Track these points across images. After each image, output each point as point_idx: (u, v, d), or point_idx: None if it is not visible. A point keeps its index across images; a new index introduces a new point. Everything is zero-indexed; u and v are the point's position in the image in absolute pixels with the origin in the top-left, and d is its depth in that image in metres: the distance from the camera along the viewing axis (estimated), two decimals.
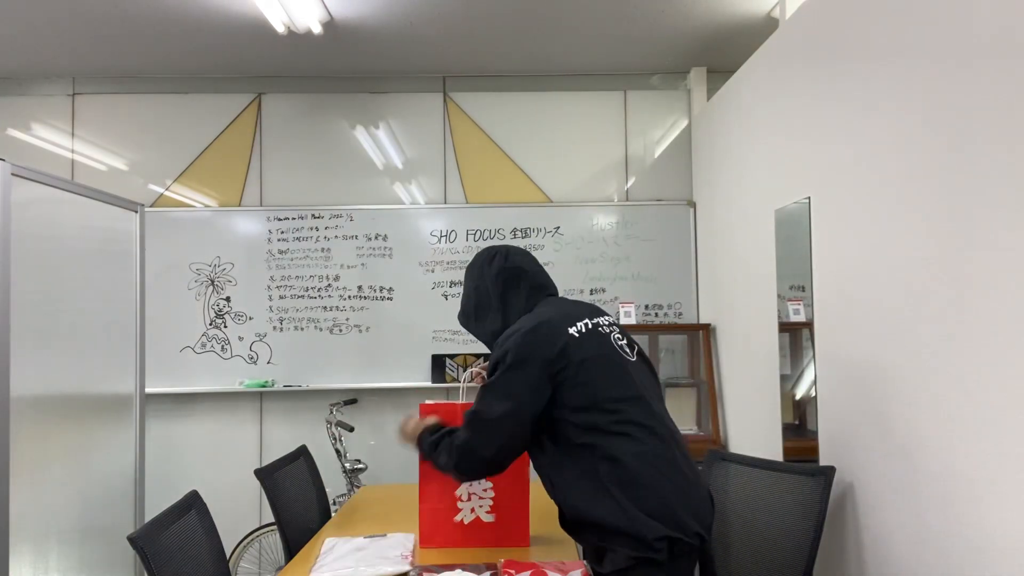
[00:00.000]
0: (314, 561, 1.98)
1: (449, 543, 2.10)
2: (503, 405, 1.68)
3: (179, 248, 3.97)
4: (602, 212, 4.05)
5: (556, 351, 1.69)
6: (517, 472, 2.02)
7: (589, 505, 1.63)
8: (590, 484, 1.64)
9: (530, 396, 1.67)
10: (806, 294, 2.46)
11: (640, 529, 1.57)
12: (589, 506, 1.63)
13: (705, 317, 3.93)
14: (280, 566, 2.57)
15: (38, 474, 2.36)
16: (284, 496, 2.52)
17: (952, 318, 1.68)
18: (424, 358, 3.97)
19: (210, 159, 4.10)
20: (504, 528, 2.09)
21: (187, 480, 3.82)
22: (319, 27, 3.33)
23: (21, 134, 4.08)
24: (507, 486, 2.08)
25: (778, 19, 3.24)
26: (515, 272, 1.92)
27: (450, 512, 2.10)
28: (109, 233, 2.82)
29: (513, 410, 1.68)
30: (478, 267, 1.97)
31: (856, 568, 2.12)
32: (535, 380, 1.68)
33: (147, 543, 1.72)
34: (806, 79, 2.49)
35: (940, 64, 1.71)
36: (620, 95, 4.18)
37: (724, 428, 3.61)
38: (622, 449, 1.65)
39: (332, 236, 4.00)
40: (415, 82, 4.15)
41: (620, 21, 3.45)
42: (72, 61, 3.86)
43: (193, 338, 3.96)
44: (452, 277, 4.01)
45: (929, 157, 1.76)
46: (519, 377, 1.68)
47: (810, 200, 2.43)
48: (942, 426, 1.73)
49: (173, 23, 3.38)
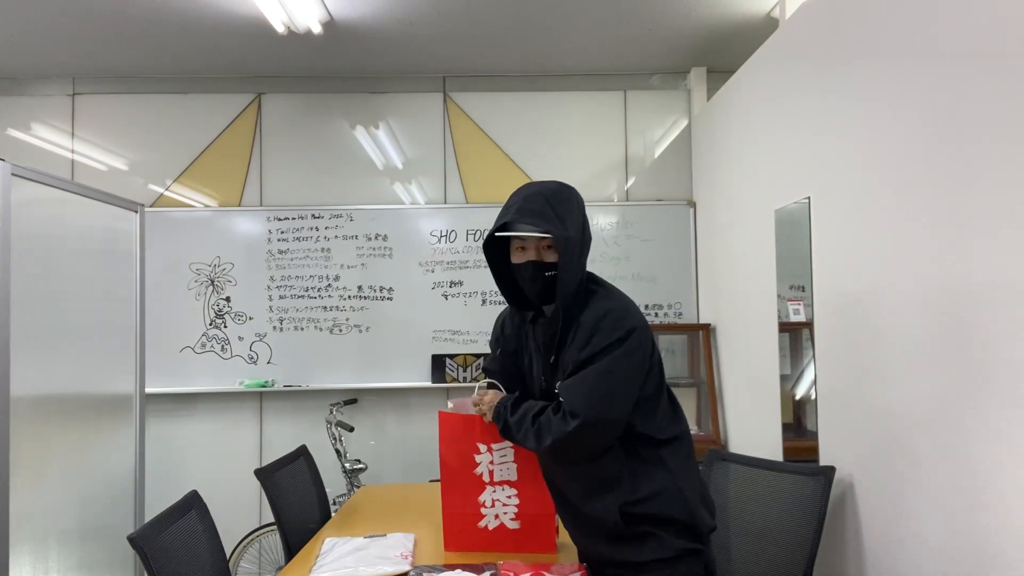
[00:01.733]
0: (314, 561, 1.98)
1: (474, 547, 2.03)
2: (626, 389, 1.58)
3: (179, 248, 3.97)
4: (602, 212, 4.05)
5: (652, 339, 1.67)
6: (542, 478, 1.91)
7: (658, 497, 1.60)
8: (662, 475, 1.62)
9: (642, 381, 1.61)
10: (806, 294, 2.46)
11: (696, 520, 1.61)
12: (658, 498, 1.60)
13: (705, 317, 3.92)
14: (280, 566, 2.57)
15: (38, 474, 2.36)
16: (284, 496, 2.52)
17: (952, 318, 1.68)
18: (424, 358, 3.97)
19: (210, 159, 4.11)
20: (529, 534, 2.02)
21: (187, 480, 3.82)
22: (319, 27, 3.33)
23: (21, 134, 4.08)
24: (532, 493, 2.00)
25: (778, 19, 3.24)
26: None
27: (474, 518, 2.03)
28: (109, 233, 2.82)
29: (631, 395, 1.59)
30: (579, 204, 1.69)
31: (856, 568, 2.12)
32: (647, 365, 1.63)
33: (147, 543, 1.72)
34: (806, 79, 2.49)
35: (940, 64, 1.71)
36: (620, 95, 4.18)
37: (724, 428, 3.61)
38: (685, 441, 1.69)
39: (332, 236, 4.00)
40: (415, 82, 4.15)
41: (620, 21, 3.45)
42: (72, 61, 3.86)
43: (193, 338, 3.96)
44: (452, 277, 4.01)
45: (929, 157, 1.76)
46: (638, 361, 1.60)
47: (810, 200, 2.43)
48: (942, 426, 1.73)
49: (173, 23, 3.38)
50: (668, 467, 1.63)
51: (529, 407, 1.68)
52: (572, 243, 1.61)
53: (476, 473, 1.99)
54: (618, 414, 1.57)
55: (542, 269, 1.65)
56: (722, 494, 2.42)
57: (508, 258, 1.74)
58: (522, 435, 1.66)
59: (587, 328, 1.59)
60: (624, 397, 1.58)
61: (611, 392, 1.55)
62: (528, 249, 1.65)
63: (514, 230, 1.62)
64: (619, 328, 1.58)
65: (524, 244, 1.65)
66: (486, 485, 2.00)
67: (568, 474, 1.70)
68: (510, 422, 1.70)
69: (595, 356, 1.56)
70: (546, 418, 1.61)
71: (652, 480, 1.61)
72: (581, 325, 1.61)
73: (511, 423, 1.70)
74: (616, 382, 1.56)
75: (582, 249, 1.66)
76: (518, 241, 1.67)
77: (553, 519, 2.03)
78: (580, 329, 1.61)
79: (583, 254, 1.66)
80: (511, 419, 1.70)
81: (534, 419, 1.64)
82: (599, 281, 1.72)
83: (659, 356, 1.68)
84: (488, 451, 1.97)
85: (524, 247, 1.66)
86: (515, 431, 1.69)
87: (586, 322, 1.60)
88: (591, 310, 1.62)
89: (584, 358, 1.58)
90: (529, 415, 1.66)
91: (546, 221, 1.60)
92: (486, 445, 1.97)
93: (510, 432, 1.71)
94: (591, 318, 1.60)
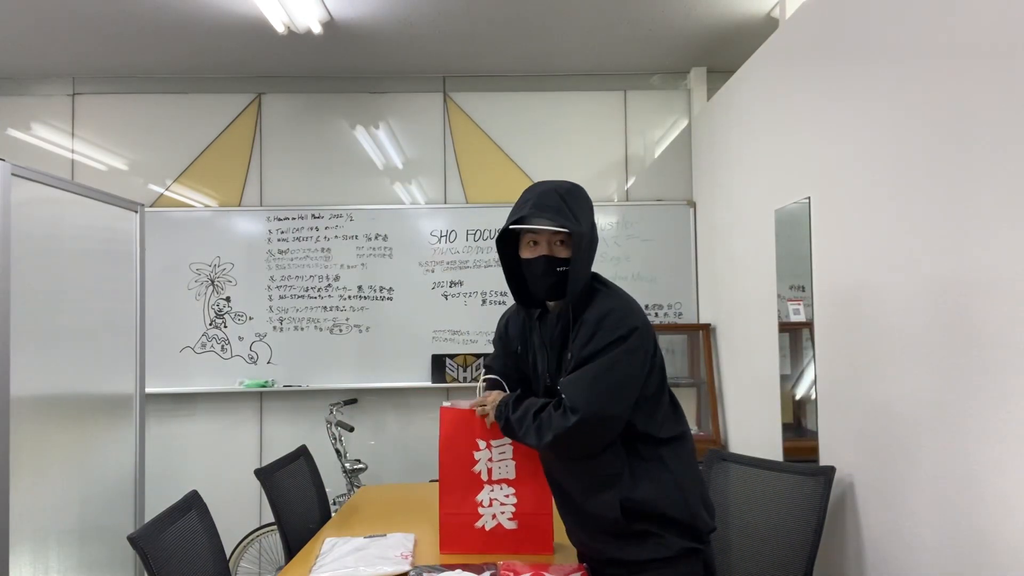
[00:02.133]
0: (314, 561, 1.98)
1: (470, 549, 2.02)
2: (627, 386, 1.60)
3: (179, 248, 3.97)
4: (602, 212, 4.05)
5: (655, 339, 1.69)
6: (540, 477, 1.92)
7: (659, 496, 1.61)
8: (662, 474, 1.63)
9: (643, 380, 1.63)
10: (806, 294, 2.46)
11: (696, 521, 1.63)
12: (658, 497, 1.61)
13: (705, 317, 3.92)
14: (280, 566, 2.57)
15: (38, 474, 2.36)
16: (284, 496, 2.52)
17: (952, 317, 1.68)
18: (424, 358, 3.97)
19: (210, 159, 4.10)
20: (527, 535, 2.01)
21: (187, 480, 3.82)
22: (319, 27, 3.33)
23: (21, 134, 4.08)
24: (530, 491, 2.00)
25: (778, 19, 3.24)
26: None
27: (471, 518, 2.02)
28: (109, 233, 2.82)
29: (631, 392, 1.60)
30: (590, 204, 1.71)
31: (856, 568, 2.12)
32: (648, 365, 1.64)
33: (147, 543, 1.72)
34: (806, 79, 2.49)
35: (940, 64, 1.71)
36: (620, 95, 4.18)
37: (724, 428, 3.61)
38: (687, 441, 1.71)
39: (332, 236, 4.00)
40: (415, 82, 4.15)
41: (620, 21, 3.45)
42: (72, 61, 3.86)
43: (193, 338, 3.96)
44: (452, 277, 4.01)
45: (929, 157, 1.76)
46: (640, 359, 1.61)
47: (810, 200, 2.43)
48: (942, 426, 1.73)
49: (173, 23, 3.38)
50: (669, 467, 1.64)
51: (531, 404, 1.69)
52: (585, 239, 1.63)
53: (475, 471, 1.99)
54: (618, 411, 1.59)
55: (554, 264, 1.67)
56: (722, 494, 2.42)
57: (516, 256, 1.75)
58: (523, 431, 1.68)
59: (590, 326, 1.61)
60: (624, 394, 1.59)
61: (611, 389, 1.57)
62: (540, 244, 1.67)
63: (531, 223, 1.65)
64: (621, 326, 1.60)
65: (536, 239, 1.68)
66: (484, 484, 2.00)
67: (569, 471, 1.71)
68: (511, 419, 1.72)
69: (597, 353, 1.59)
70: (547, 414, 1.63)
71: (653, 479, 1.62)
72: (584, 323, 1.63)
73: (512, 420, 1.71)
74: (617, 379, 1.58)
75: (591, 247, 1.68)
76: (530, 236, 1.68)
77: (551, 519, 2.03)
78: (583, 327, 1.63)
79: (592, 252, 1.69)
80: (512, 416, 1.72)
81: (535, 416, 1.66)
82: (603, 281, 1.74)
83: (661, 357, 1.70)
84: (487, 447, 1.98)
85: (536, 242, 1.68)
86: (516, 428, 1.70)
87: (589, 320, 1.62)
88: (594, 308, 1.64)
89: (586, 355, 1.60)
90: (530, 412, 1.67)
91: (562, 216, 1.62)
92: (485, 442, 1.97)
93: (511, 429, 1.73)
94: (594, 316, 1.62)
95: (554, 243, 1.67)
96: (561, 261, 1.67)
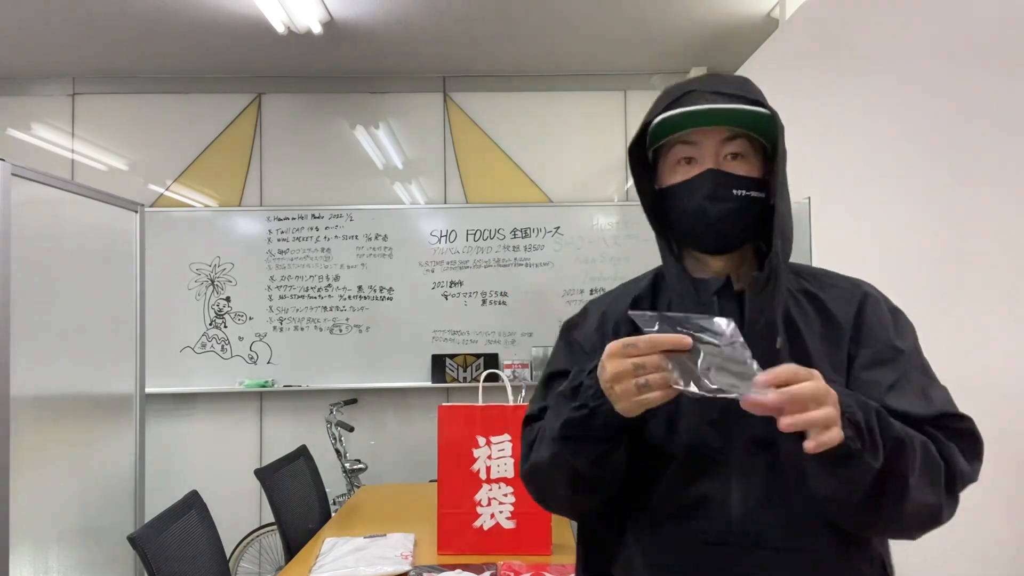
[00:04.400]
0: (314, 561, 1.98)
1: (468, 549, 2.01)
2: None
3: (179, 248, 3.97)
4: (602, 212, 4.05)
5: None
6: None
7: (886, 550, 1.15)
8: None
9: None
10: None
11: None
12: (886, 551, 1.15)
13: None
14: (280, 566, 2.57)
15: (38, 474, 2.36)
16: (284, 496, 2.52)
17: (952, 317, 1.68)
18: (424, 358, 3.97)
19: (210, 159, 4.10)
20: (525, 534, 2.01)
21: (187, 480, 3.82)
22: (319, 27, 3.33)
23: (21, 134, 4.08)
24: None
25: (778, 19, 3.24)
26: None
27: (469, 517, 2.02)
28: (109, 233, 2.82)
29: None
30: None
31: None
32: None
33: (147, 543, 1.72)
34: (806, 79, 2.49)
35: (940, 64, 1.71)
36: (620, 95, 4.17)
37: None
38: None
39: (332, 236, 4.00)
40: (415, 82, 4.15)
41: (620, 21, 3.45)
42: (72, 61, 3.86)
43: (193, 338, 3.96)
44: (452, 277, 4.01)
45: (929, 157, 1.76)
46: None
47: (810, 200, 2.43)
48: None
49: (173, 23, 3.38)
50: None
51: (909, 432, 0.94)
52: (782, 156, 0.99)
53: (473, 469, 1.99)
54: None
55: (732, 184, 0.98)
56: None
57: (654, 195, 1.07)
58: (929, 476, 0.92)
59: (881, 306, 1.07)
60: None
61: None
62: (702, 157, 0.99)
63: (704, 103, 0.96)
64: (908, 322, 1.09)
65: (692, 151, 1.00)
66: (482, 483, 2.00)
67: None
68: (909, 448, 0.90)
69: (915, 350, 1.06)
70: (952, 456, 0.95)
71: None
72: (869, 300, 1.06)
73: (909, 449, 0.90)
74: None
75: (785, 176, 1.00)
76: (682, 148, 1.00)
77: (549, 518, 2.02)
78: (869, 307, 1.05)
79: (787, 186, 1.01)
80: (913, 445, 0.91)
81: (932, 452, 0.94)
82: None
83: None
84: (487, 444, 1.97)
85: (692, 158, 1.00)
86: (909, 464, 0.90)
87: (873, 296, 1.08)
88: (844, 280, 1.10)
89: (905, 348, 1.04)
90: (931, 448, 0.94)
91: (754, 95, 1.01)
92: (484, 438, 1.97)
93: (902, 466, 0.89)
94: (867, 291, 1.08)
95: (724, 155, 0.99)
96: (748, 182, 0.98)
